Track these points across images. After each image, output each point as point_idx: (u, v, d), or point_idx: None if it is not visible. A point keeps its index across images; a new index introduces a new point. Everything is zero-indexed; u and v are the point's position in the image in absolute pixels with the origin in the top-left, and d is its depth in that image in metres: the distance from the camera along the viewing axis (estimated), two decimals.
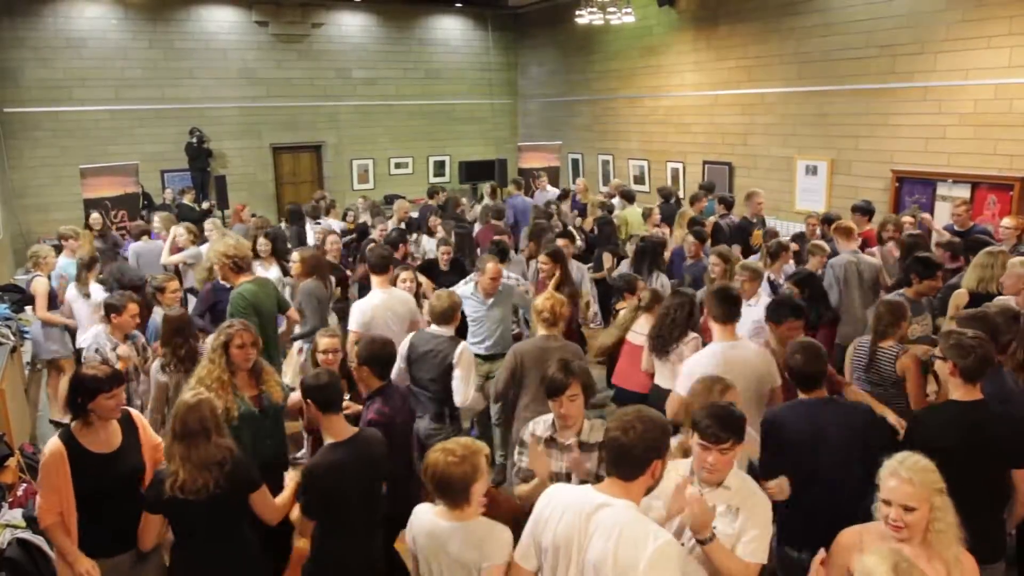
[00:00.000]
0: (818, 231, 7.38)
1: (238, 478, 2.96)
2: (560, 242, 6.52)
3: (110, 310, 4.62)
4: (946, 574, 2.33)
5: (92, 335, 4.68)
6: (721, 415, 2.57)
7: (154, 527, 3.03)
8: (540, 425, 3.26)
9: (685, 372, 3.75)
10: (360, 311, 4.88)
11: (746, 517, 2.54)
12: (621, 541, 2.14)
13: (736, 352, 3.73)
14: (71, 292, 6.20)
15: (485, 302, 5.23)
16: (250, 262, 5.22)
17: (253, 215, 10.00)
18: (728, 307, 3.80)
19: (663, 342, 4.40)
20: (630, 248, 7.25)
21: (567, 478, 3.06)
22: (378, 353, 3.63)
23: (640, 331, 4.77)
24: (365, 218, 9.56)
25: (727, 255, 5.66)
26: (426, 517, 2.60)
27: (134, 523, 3.07)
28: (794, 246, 6.54)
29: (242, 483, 2.99)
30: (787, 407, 3.31)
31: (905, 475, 2.30)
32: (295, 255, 6.12)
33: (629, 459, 2.23)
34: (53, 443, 3.08)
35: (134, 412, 3.40)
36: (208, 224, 8.31)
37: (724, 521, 2.55)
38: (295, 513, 3.07)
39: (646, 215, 8.44)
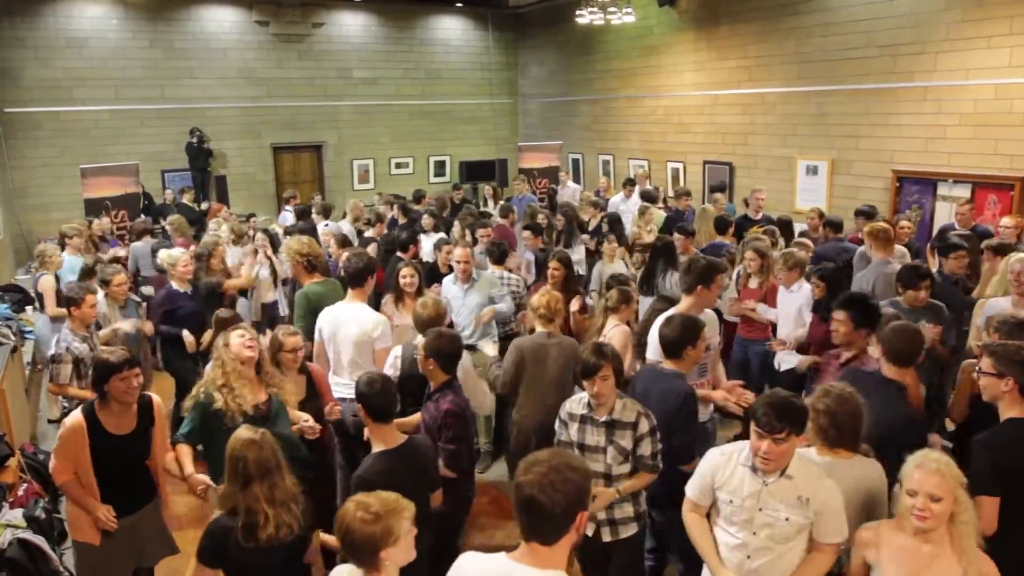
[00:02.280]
0: (820, 230, 7.39)
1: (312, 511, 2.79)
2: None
3: (69, 303, 4.64)
4: (962, 570, 2.36)
5: (61, 333, 4.66)
6: (780, 404, 2.55)
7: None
8: (576, 404, 3.35)
9: (651, 342, 3.98)
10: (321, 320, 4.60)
11: (821, 504, 2.59)
12: None
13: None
14: None
15: (462, 288, 5.48)
16: (324, 262, 5.36)
17: (253, 215, 9.98)
18: (690, 276, 4.05)
19: (644, 349, 4.35)
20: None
21: (603, 452, 3.22)
22: (444, 348, 3.64)
23: (607, 333, 4.65)
24: (383, 212, 9.43)
25: (764, 251, 5.65)
26: None
27: (138, 492, 3.39)
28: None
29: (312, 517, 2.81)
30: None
31: (933, 466, 2.37)
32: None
33: (551, 522, 1.87)
34: (75, 416, 3.31)
35: (156, 400, 3.53)
36: (212, 224, 8.35)
37: (797, 512, 2.60)
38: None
39: (642, 213, 8.40)
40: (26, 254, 11.59)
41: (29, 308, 7.81)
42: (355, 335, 4.39)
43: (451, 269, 6.21)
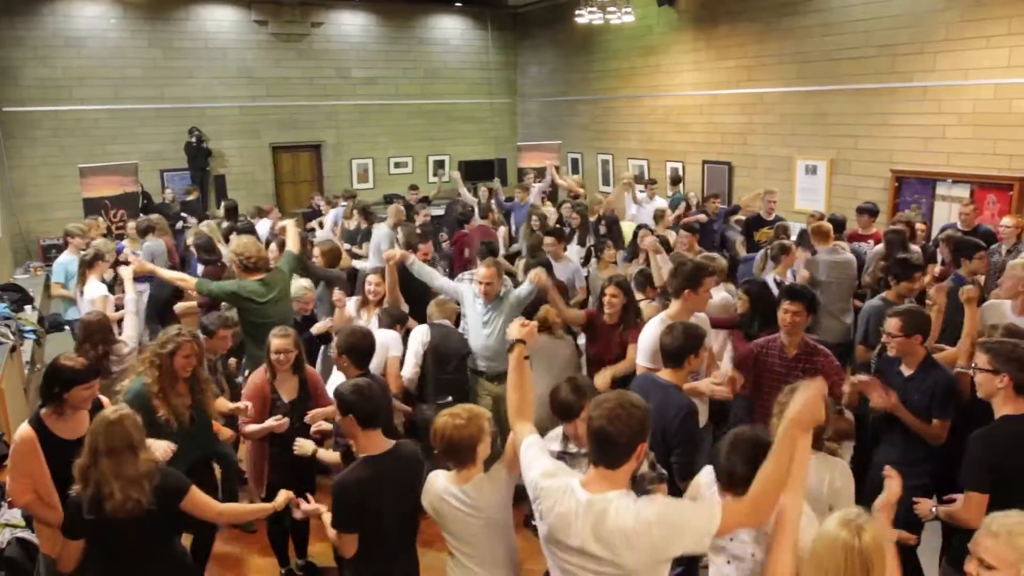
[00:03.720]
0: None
1: (168, 489, 2.86)
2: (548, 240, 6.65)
3: (204, 332, 4.71)
4: None
5: None
6: (743, 455, 2.38)
7: (74, 553, 2.89)
8: (554, 442, 3.13)
9: (641, 345, 4.00)
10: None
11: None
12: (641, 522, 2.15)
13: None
14: (75, 290, 6.33)
15: (487, 306, 4.91)
16: (261, 261, 5.18)
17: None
18: (677, 280, 4.05)
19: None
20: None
21: None
22: (356, 344, 3.66)
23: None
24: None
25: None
26: (440, 483, 2.76)
27: None
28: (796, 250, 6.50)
29: (172, 494, 2.89)
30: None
31: (994, 528, 2.06)
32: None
33: (617, 448, 2.21)
34: (23, 429, 3.22)
35: (105, 400, 3.54)
36: (203, 226, 8.31)
37: (761, 549, 2.51)
38: (332, 532, 2.90)
39: (658, 217, 8.38)
40: (25, 254, 11.58)
41: (28, 307, 7.80)
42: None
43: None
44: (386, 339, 4.70)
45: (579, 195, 10.01)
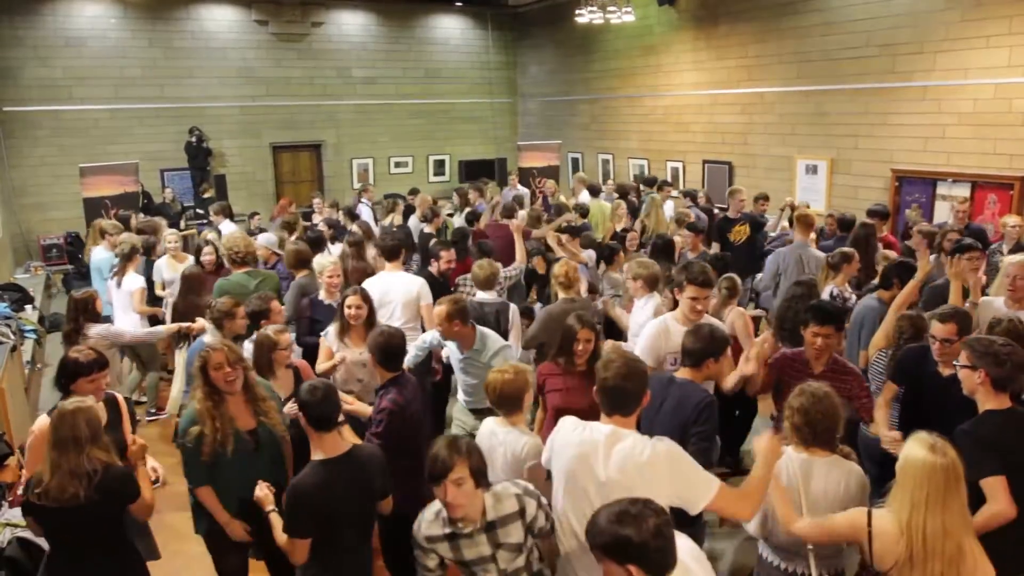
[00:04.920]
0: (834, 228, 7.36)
1: (110, 489, 2.80)
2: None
3: (258, 317, 4.38)
4: None
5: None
6: None
7: (33, 525, 3.02)
8: (429, 524, 2.60)
9: (642, 346, 4.07)
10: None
11: None
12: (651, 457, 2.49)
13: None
14: (111, 282, 6.47)
15: (460, 352, 4.29)
16: (249, 256, 5.52)
17: (256, 213, 9.94)
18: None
19: (789, 331, 4.47)
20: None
21: (492, 560, 2.54)
22: (385, 344, 3.58)
23: (728, 319, 4.77)
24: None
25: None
26: (487, 426, 3.29)
27: None
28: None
29: (115, 495, 2.85)
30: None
31: None
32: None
33: (629, 398, 2.61)
34: (43, 420, 3.25)
35: (119, 396, 3.61)
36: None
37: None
38: (281, 537, 2.85)
39: (679, 217, 8.24)
40: (25, 253, 11.59)
41: (28, 307, 7.81)
42: (403, 297, 5.13)
43: (443, 278, 5.77)
44: (416, 289, 5.20)
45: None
